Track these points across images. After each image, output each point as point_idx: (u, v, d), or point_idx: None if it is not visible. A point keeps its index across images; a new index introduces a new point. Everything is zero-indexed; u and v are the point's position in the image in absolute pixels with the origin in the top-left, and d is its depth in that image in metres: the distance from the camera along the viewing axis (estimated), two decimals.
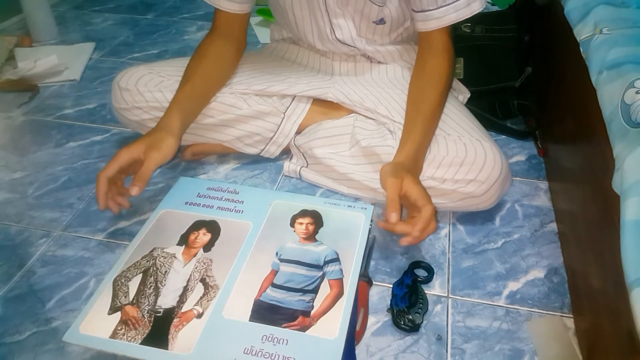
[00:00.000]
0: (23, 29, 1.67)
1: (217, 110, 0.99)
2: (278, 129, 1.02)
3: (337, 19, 0.96)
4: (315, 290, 0.72)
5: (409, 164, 0.81)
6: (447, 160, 0.85)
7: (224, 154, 1.08)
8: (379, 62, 1.06)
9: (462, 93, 1.09)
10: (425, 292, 0.79)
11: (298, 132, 1.04)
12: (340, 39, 1.00)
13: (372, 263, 0.85)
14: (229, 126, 1.00)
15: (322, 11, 0.96)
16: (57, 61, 1.46)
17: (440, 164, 0.85)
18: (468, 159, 0.85)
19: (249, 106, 1.00)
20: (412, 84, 0.93)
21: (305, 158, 1.02)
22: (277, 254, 0.77)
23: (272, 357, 0.63)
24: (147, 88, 0.98)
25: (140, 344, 0.65)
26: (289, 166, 1.04)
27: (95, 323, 0.67)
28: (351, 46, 1.01)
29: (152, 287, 0.72)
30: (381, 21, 0.96)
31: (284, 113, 1.02)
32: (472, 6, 0.88)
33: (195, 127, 0.97)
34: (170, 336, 0.66)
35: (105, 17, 1.82)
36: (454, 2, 0.87)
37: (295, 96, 1.04)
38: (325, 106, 1.03)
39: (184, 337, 0.66)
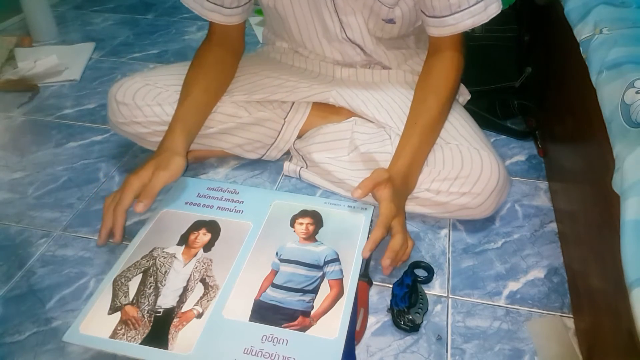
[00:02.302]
0: (23, 29, 1.67)
1: (218, 121, 0.98)
2: (279, 135, 1.02)
3: (346, 16, 0.94)
4: (315, 291, 0.72)
5: (397, 180, 0.81)
6: (443, 175, 0.85)
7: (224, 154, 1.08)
8: (381, 68, 1.04)
9: (462, 95, 1.08)
10: (425, 292, 0.79)
11: (299, 136, 1.03)
12: (351, 37, 0.97)
13: (372, 263, 0.85)
14: (230, 134, 1.00)
15: (330, 11, 0.93)
16: (57, 61, 1.46)
17: (435, 178, 0.85)
18: (463, 172, 0.84)
19: (250, 114, 0.99)
20: (416, 91, 0.92)
21: (304, 160, 1.02)
22: (277, 254, 0.77)
23: (272, 357, 0.63)
24: (145, 102, 0.95)
25: (140, 344, 0.65)
26: (288, 166, 1.03)
27: (95, 323, 0.67)
28: (359, 47, 0.99)
29: (152, 287, 0.72)
30: (391, 21, 0.94)
31: (284, 119, 1.02)
32: (488, 10, 0.85)
33: (197, 137, 0.96)
34: (170, 336, 0.66)
35: (105, 17, 1.83)
36: (469, 7, 0.84)
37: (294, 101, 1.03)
38: (326, 110, 1.03)
39: (184, 337, 0.66)
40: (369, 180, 0.78)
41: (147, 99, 0.96)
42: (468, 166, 0.84)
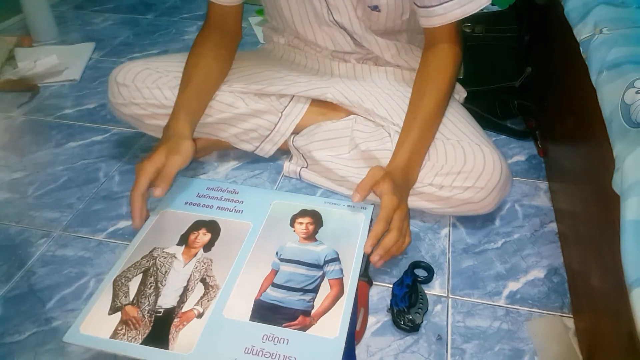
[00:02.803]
0: (23, 29, 1.67)
1: (216, 109, 0.98)
2: (275, 127, 1.02)
3: None
4: (315, 290, 0.72)
5: (397, 174, 0.81)
6: (446, 169, 0.85)
7: (224, 154, 1.08)
8: (377, 64, 1.05)
9: (458, 92, 1.08)
10: (425, 292, 0.79)
11: (296, 133, 1.03)
12: (339, 21, 0.96)
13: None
14: (227, 124, 1.00)
15: None
16: (57, 61, 1.46)
17: (438, 172, 0.85)
18: (466, 167, 0.84)
19: (247, 105, 0.99)
20: (414, 86, 0.92)
21: (305, 159, 1.02)
22: (277, 253, 0.77)
23: (273, 357, 0.63)
24: (145, 84, 0.97)
25: (141, 344, 0.65)
26: (289, 166, 1.04)
27: (96, 323, 0.67)
28: (347, 31, 0.98)
29: (152, 287, 0.72)
30: (375, 8, 0.92)
31: (282, 112, 1.02)
32: (478, 0, 0.85)
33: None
34: (170, 336, 0.66)
35: (105, 17, 1.83)
36: None
37: (293, 96, 1.03)
38: (324, 107, 1.03)
39: (184, 337, 0.66)
40: (366, 181, 0.77)
41: (147, 81, 0.97)
42: (471, 161, 0.84)
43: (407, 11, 0.95)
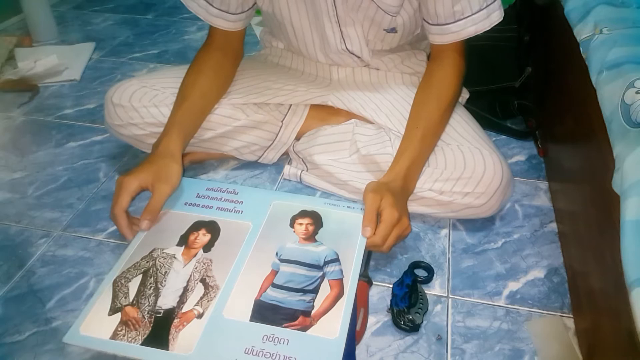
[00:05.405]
0: (23, 29, 1.68)
1: (216, 123, 0.97)
2: (276, 137, 1.02)
3: (347, 28, 0.93)
4: (315, 290, 0.72)
5: (396, 185, 0.80)
6: (445, 175, 0.85)
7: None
8: (378, 69, 1.04)
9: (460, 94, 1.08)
10: (425, 292, 0.79)
11: (297, 139, 1.03)
12: (350, 48, 0.97)
13: (372, 263, 0.85)
14: (228, 137, 0.99)
15: (332, 22, 0.92)
16: (57, 61, 1.46)
17: (437, 178, 0.85)
18: (466, 172, 0.84)
19: (247, 116, 0.99)
20: (417, 96, 0.91)
21: (305, 163, 1.02)
22: (277, 254, 0.77)
23: (273, 357, 0.63)
24: (142, 103, 0.95)
25: (141, 344, 0.65)
26: (289, 170, 1.03)
27: (96, 324, 0.67)
28: (356, 56, 0.99)
29: (152, 288, 0.72)
30: (392, 30, 0.93)
31: (282, 121, 1.02)
32: (491, 18, 0.85)
33: (194, 141, 0.95)
34: (170, 336, 0.66)
35: (105, 17, 1.83)
36: (472, 14, 0.84)
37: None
38: (324, 111, 1.02)
39: (184, 337, 0.66)
40: (369, 211, 0.76)
41: (144, 100, 0.95)
42: (470, 166, 0.84)
43: (419, 26, 0.95)
